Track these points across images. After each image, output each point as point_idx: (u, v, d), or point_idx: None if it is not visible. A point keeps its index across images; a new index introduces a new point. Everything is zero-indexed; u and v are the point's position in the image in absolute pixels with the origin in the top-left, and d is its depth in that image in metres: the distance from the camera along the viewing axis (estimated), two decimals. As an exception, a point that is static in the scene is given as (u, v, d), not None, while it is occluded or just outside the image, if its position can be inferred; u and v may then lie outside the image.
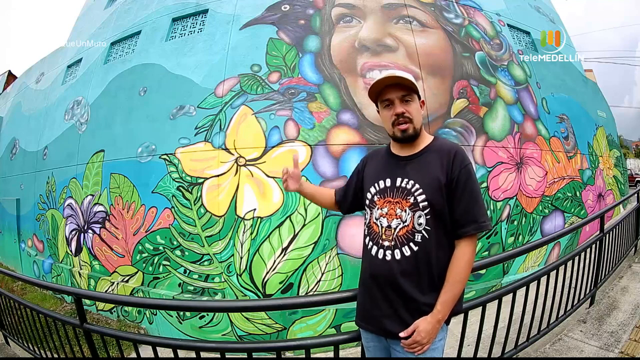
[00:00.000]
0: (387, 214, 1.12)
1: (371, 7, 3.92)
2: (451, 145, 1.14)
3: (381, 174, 1.19)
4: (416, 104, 1.16)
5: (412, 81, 1.12)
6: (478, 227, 1.06)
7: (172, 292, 3.44)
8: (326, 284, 3.15)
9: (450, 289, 1.05)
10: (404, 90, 1.13)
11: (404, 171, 1.14)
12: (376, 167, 1.25)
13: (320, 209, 3.21)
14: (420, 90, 1.19)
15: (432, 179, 1.08)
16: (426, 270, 1.07)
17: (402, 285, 1.07)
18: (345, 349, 2.42)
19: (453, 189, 1.07)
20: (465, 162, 1.09)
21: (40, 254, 5.28)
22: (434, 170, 1.09)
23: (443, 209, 1.07)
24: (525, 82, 4.50)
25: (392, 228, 1.11)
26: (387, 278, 1.10)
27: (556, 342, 2.24)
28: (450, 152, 1.10)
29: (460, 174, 1.07)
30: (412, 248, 1.07)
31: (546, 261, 4.10)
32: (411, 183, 1.10)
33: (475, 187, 1.08)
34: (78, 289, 3.31)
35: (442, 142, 1.17)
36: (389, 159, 1.22)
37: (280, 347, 1.54)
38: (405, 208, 1.09)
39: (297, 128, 3.39)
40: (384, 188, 1.16)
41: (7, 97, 8.44)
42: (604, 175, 5.53)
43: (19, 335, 2.65)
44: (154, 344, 1.63)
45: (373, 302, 1.15)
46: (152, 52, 4.34)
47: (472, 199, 1.07)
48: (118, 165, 4.02)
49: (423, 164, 1.13)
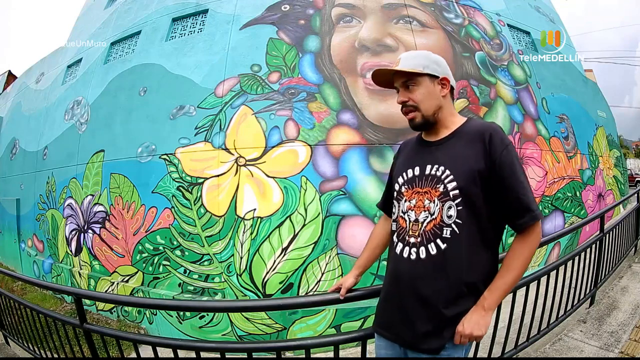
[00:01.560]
0: (415, 206, 1.00)
1: (371, 7, 3.92)
2: (486, 125, 0.99)
3: (410, 163, 1.07)
4: (423, 87, 1.02)
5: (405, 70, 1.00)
6: (534, 216, 0.91)
7: (172, 292, 3.44)
8: (326, 284, 3.14)
9: (502, 277, 0.93)
10: (404, 76, 1.03)
11: (433, 157, 1.01)
12: (406, 156, 1.13)
13: (321, 209, 3.21)
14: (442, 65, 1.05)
15: (464, 164, 0.95)
16: (454, 274, 0.93)
17: (422, 290, 0.95)
18: (345, 349, 2.42)
19: (496, 175, 0.92)
20: (505, 142, 0.94)
21: (40, 254, 5.27)
22: (467, 155, 0.96)
23: (478, 198, 0.93)
24: (525, 82, 4.50)
25: (420, 222, 0.98)
26: (409, 280, 0.98)
27: (556, 342, 2.24)
28: (485, 133, 0.95)
29: (503, 157, 0.92)
30: (439, 245, 0.94)
31: (546, 261, 4.09)
32: (441, 169, 0.97)
33: (521, 170, 0.94)
34: (78, 289, 3.31)
35: (475, 123, 1.04)
36: (419, 147, 1.10)
37: (280, 347, 1.54)
38: (434, 198, 0.97)
39: (297, 128, 3.39)
40: (412, 177, 1.04)
41: (7, 97, 8.44)
42: (604, 175, 5.53)
43: (19, 335, 2.65)
44: (154, 344, 1.63)
45: (392, 307, 1.04)
46: (152, 52, 4.34)
47: (521, 184, 0.92)
48: (118, 165, 4.02)
49: (454, 147, 1.00)
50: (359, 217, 3.19)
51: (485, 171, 0.93)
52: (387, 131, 3.40)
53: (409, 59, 1.02)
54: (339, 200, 3.22)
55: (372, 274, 3.03)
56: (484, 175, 0.93)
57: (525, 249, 0.94)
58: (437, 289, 0.94)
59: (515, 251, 0.95)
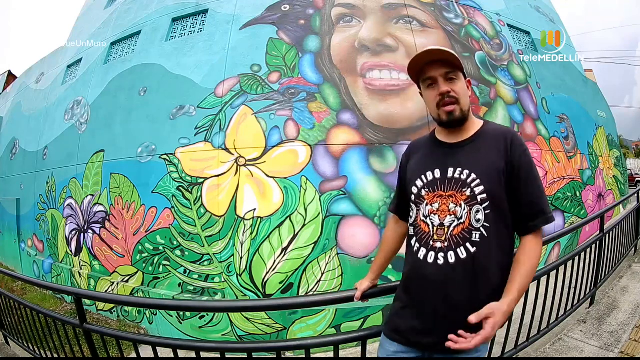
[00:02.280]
0: (439, 210, 0.99)
1: (371, 7, 3.92)
2: (506, 129, 1.04)
3: (429, 165, 1.05)
4: (462, 82, 1.03)
5: (456, 56, 1.00)
6: (546, 219, 0.94)
7: (172, 292, 3.44)
8: (326, 284, 3.14)
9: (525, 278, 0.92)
10: (448, 67, 1.00)
11: (455, 160, 1.00)
12: (421, 158, 1.11)
13: (321, 209, 3.21)
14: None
15: (489, 167, 0.95)
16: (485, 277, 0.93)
17: (454, 295, 0.93)
18: (345, 349, 2.42)
19: (515, 177, 0.95)
20: (524, 147, 0.97)
21: (40, 254, 5.27)
22: (491, 157, 0.96)
23: (503, 201, 0.95)
24: (525, 82, 4.50)
25: (445, 226, 0.97)
26: (438, 285, 0.96)
27: (556, 342, 2.24)
28: (507, 136, 0.98)
29: (522, 160, 0.95)
30: (469, 249, 0.93)
31: (546, 261, 4.09)
32: (466, 173, 0.97)
33: (537, 174, 0.97)
34: (78, 289, 3.31)
35: (494, 126, 1.06)
36: (436, 148, 1.08)
37: (280, 347, 1.54)
38: (460, 202, 0.96)
39: (297, 128, 3.39)
40: (433, 180, 1.02)
41: (7, 97, 8.45)
42: (604, 175, 5.53)
43: (19, 335, 2.65)
44: (154, 344, 1.63)
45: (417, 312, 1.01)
46: (152, 52, 4.34)
47: (537, 188, 0.95)
48: (118, 165, 4.02)
49: (477, 150, 1.00)
50: (359, 217, 3.19)
51: (507, 172, 0.95)
52: (387, 131, 3.40)
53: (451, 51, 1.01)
54: (339, 200, 3.22)
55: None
56: (506, 176, 0.95)
57: (539, 249, 0.96)
58: (468, 292, 0.93)
59: (531, 252, 0.95)
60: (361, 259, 3.14)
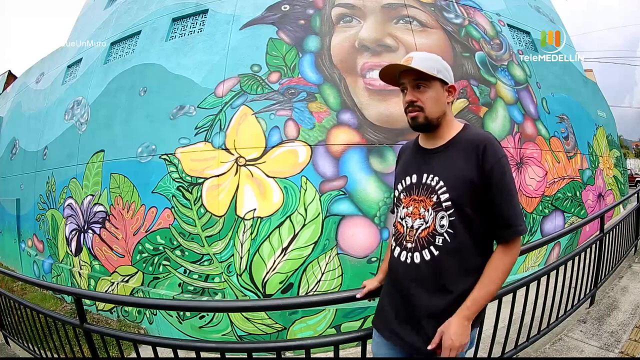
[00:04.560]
0: (412, 214, 1.04)
1: (371, 7, 3.92)
2: (482, 136, 1.00)
3: (409, 170, 1.11)
4: (433, 91, 1.03)
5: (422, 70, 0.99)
6: (514, 232, 0.95)
7: (172, 292, 3.44)
8: (326, 284, 3.14)
9: (483, 287, 0.94)
10: (416, 76, 1.02)
11: (429, 166, 1.04)
12: (404, 162, 1.16)
13: (321, 209, 3.21)
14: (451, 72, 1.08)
15: (457, 175, 0.97)
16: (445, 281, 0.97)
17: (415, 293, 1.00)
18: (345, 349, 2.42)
19: (485, 186, 0.94)
20: (498, 155, 0.95)
21: (40, 254, 5.27)
22: (461, 165, 0.98)
23: (470, 209, 0.96)
24: (525, 82, 4.50)
25: (415, 229, 1.02)
26: (403, 282, 1.03)
27: (556, 342, 2.24)
28: (479, 145, 0.97)
29: (494, 169, 0.94)
30: (433, 252, 0.98)
31: (546, 261, 4.09)
32: (435, 179, 1.00)
33: (510, 184, 0.95)
34: (78, 289, 3.31)
35: (471, 132, 1.04)
36: (416, 153, 1.12)
37: (280, 347, 1.54)
38: (429, 207, 1.00)
39: (297, 128, 3.39)
40: (410, 185, 1.08)
41: (7, 97, 8.45)
42: (604, 175, 5.53)
43: (19, 335, 2.65)
44: (154, 344, 1.63)
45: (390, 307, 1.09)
46: (152, 52, 4.34)
47: (507, 199, 0.94)
48: (118, 165, 4.02)
49: (449, 157, 1.02)
50: (359, 217, 3.19)
51: (477, 181, 0.95)
52: (387, 131, 3.40)
53: (423, 60, 1.02)
54: (339, 200, 3.22)
55: (372, 274, 3.03)
56: (475, 185, 0.95)
57: (507, 261, 0.96)
58: (428, 293, 0.98)
59: (496, 263, 0.96)
60: (361, 259, 3.14)
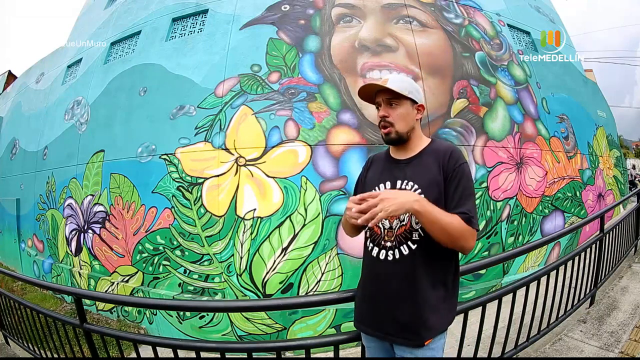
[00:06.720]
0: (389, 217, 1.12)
1: (371, 7, 3.92)
2: (447, 146, 1.17)
3: (382, 178, 1.21)
4: (404, 108, 1.16)
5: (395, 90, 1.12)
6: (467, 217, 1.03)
7: (172, 292, 3.44)
8: (326, 284, 3.15)
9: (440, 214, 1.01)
10: (389, 94, 1.15)
11: (403, 173, 1.16)
12: (376, 171, 1.27)
13: (321, 209, 3.21)
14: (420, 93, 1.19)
15: (430, 179, 1.11)
16: (423, 270, 1.07)
17: (398, 287, 1.08)
18: (345, 349, 2.42)
19: (447, 185, 1.09)
20: (460, 161, 1.11)
21: (40, 254, 5.28)
22: (432, 170, 1.11)
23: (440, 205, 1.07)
24: (525, 82, 4.50)
25: (393, 229, 1.12)
26: (386, 279, 1.11)
27: (556, 342, 2.24)
28: (446, 153, 1.13)
29: (455, 172, 1.09)
30: (410, 247, 1.08)
31: (546, 261, 4.10)
32: (410, 184, 1.12)
33: (468, 185, 1.09)
34: (78, 289, 3.31)
35: (439, 144, 1.20)
36: (388, 164, 1.24)
37: (280, 347, 1.54)
38: None
39: (297, 128, 3.39)
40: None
41: (7, 97, 8.45)
42: (604, 175, 5.53)
43: (19, 335, 2.65)
44: (154, 344, 1.63)
45: (373, 304, 1.15)
46: (152, 52, 4.34)
47: (465, 195, 1.07)
48: (118, 165, 4.02)
49: (422, 165, 1.15)
50: (359, 217, 3.18)
51: (443, 181, 1.09)
52: (387, 131, 3.40)
53: (397, 81, 1.15)
54: (339, 200, 3.22)
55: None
56: (442, 185, 1.09)
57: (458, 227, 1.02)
58: (407, 286, 1.07)
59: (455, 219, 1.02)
60: (361, 259, 3.14)
